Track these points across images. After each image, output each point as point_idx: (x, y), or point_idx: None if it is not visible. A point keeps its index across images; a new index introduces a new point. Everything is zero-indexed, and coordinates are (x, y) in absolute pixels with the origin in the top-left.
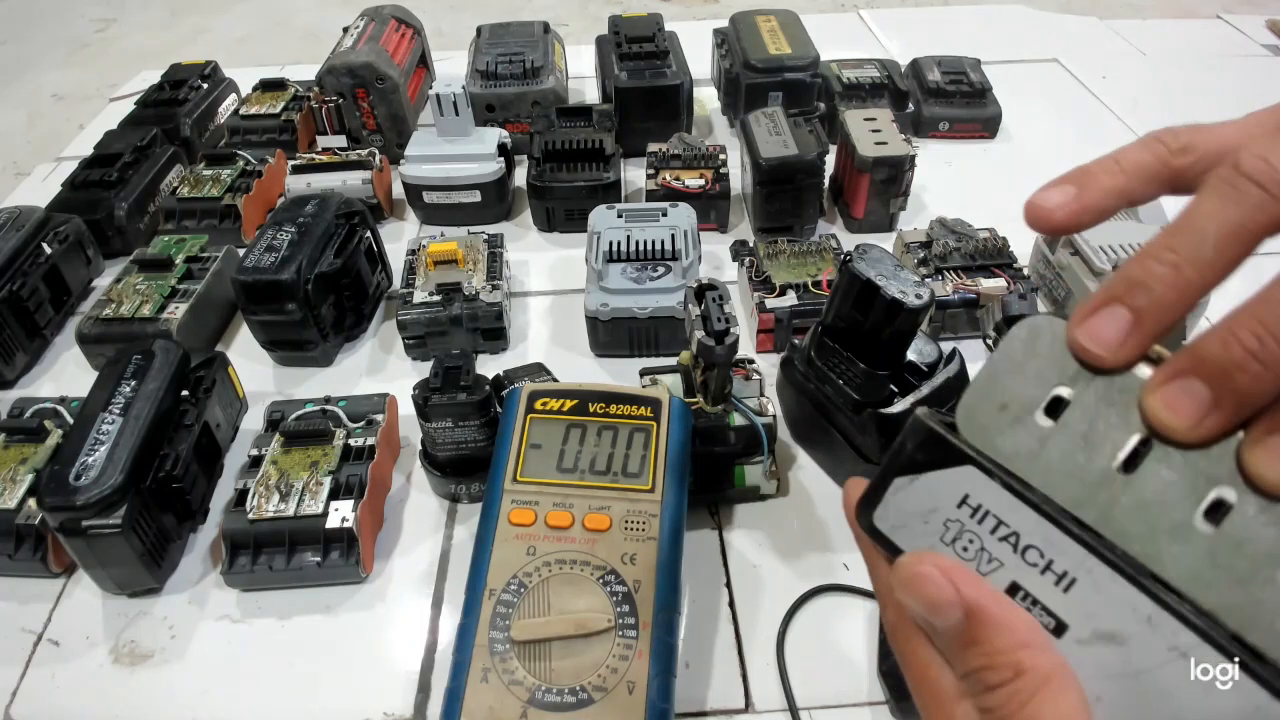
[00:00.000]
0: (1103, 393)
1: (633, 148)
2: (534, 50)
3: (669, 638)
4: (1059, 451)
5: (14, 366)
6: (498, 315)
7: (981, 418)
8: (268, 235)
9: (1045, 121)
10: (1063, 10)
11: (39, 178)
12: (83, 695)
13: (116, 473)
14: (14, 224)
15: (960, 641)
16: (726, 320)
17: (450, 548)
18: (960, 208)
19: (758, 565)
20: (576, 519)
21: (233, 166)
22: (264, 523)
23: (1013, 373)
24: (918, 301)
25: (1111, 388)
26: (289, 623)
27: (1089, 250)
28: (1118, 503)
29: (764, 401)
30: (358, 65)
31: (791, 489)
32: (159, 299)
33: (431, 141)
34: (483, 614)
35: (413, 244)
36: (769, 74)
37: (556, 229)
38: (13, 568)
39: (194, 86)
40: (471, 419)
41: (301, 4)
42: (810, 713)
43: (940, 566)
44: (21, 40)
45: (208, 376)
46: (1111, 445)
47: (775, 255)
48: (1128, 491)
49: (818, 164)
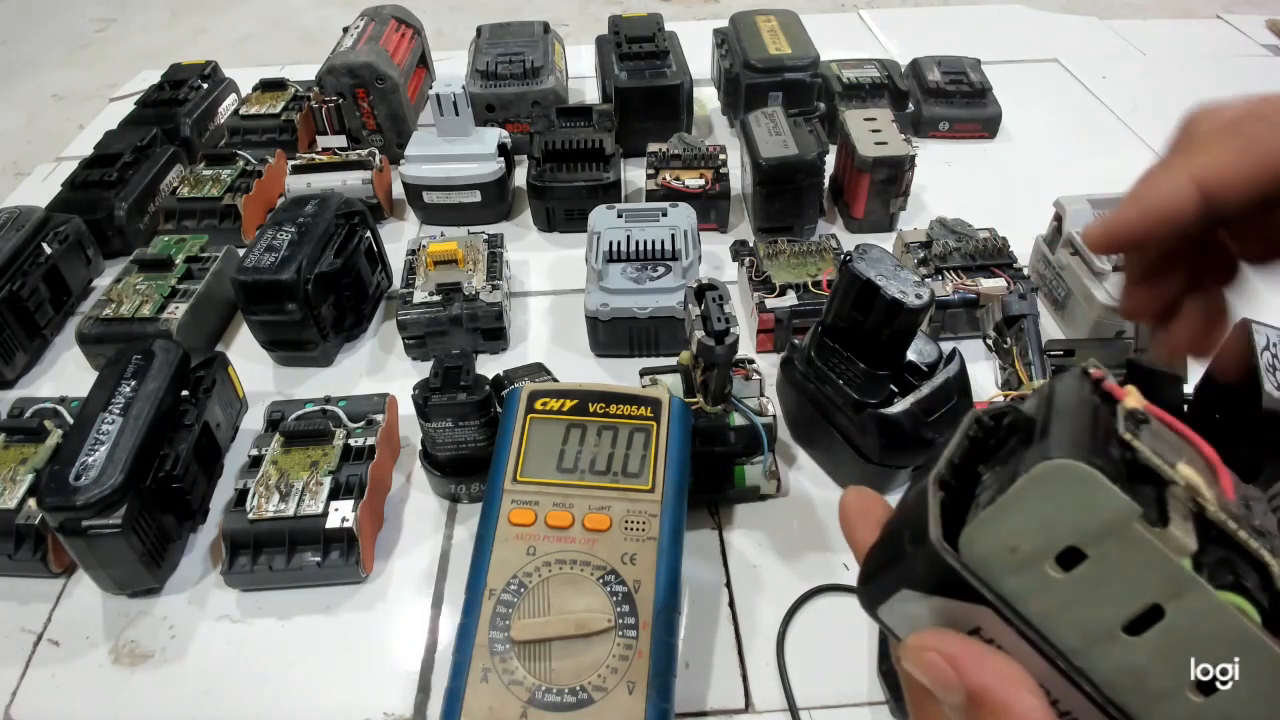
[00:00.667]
0: (1123, 554)
1: (633, 148)
2: (534, 50)
3: (669, 638)
4: (1063, 599)
5: (14, 366)
6: (498, 315)
7: (986, 553)
8: (268, 235)
9: (1045, 121)
10: (1063, 10)
11: (39, 178)
12: (83, 695)
13: (116, 473)
14: (14, 224)
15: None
16: (726, 320)
17: (450, 548)
18: (960, 208)
19: (758, 565)
20: (576, 519)
21: (233, 166)
22: (264, 523)
23: (1028, 518)
24: (918, 301)
25: (1134, 551)
26: (289, 623)
27: (1089, 250)
28: (1114, 659)
29: (764, 401)
30: (358, 65)
31: (791, 489)
32: (159, 299)
33: (431, 141)
34: (483, 614)
35: (413, 244)
36: (769, 74)
37: (556, 229)
38: (13, 568)
39: (194, 86)
40: (471, 419)
41: (301, 4)
42: (810, 713)
43: (944, 652)
44: (21, 40)
45: (208, 376)
46: (1120, 606)
47: (775, 255)
48: (1126, 651)
49: (818, 164)
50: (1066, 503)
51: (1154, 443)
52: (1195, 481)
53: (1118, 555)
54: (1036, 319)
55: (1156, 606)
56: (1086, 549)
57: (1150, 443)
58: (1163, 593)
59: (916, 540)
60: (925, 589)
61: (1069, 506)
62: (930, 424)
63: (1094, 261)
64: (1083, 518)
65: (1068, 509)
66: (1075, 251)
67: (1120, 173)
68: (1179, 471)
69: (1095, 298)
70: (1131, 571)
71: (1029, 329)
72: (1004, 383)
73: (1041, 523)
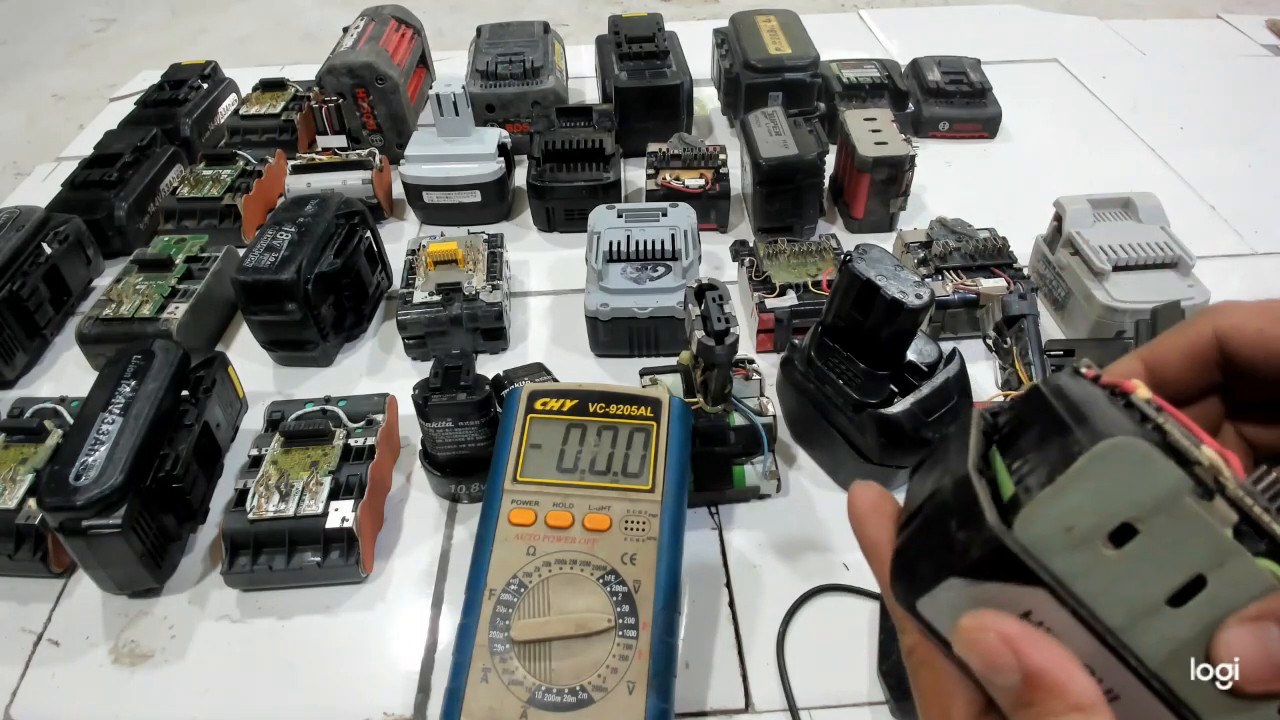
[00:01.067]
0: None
1: (633, 148)
2: (534, 50)
3: (669, 638)
4: (1112, 576)
5: (14, 366)
6: (498, 315)
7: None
8: (268, 235)
9: (1045, 121)
10: (1063, 10)
11: (39, 178)
12: (83, 695)
13: (116, 473)
14: (14, 224)
15: (1016, 700)
16: (726, 320)
17: (450, 548)
18: (960, 208)
19: (758, 565)
20: (576, 519)
21: (233, 166)
22: (264, 523)
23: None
24: (918, 301)
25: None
26: (289, 623)
27: (1089, 250)
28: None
29: (764, 401)
30: (358, 65)
31: (791, 489)
32: (159, 299)
33: (431, 141)
34: (483, 614)
35: (413, 244)
36: (769, 74)
37: (556, 229)
38: (13, 568)
39: (194, 86)
40: (471, 419)
41: (301, 4)
42: (810, 713)
43: (1003, 634)
44: (21, 40)
45: (208, 376)
46: (1167, 579)
47: (775, 255)
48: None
49: (818, 164)
50: (1124, 479)
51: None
52: (1217, 461)
53: (1167, 528)
54: (1036, 319)
55: (1200, 577)
56: (1140, 524)
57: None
58: (1208, 563)
59: (969, 526)
60: (977, 575)
61: (1126, 482)
62: (930, 424)
63: (1094, 261)
64: (1139, 493)
65: (1125, 485)
66: (1075, 251)
67: (1120, 173)
68: (1203, 452)
69: (1095, 298)
70: (1180, 544)
71: (1029, 329)
72: (1004, 383)
73: (1098, 500)
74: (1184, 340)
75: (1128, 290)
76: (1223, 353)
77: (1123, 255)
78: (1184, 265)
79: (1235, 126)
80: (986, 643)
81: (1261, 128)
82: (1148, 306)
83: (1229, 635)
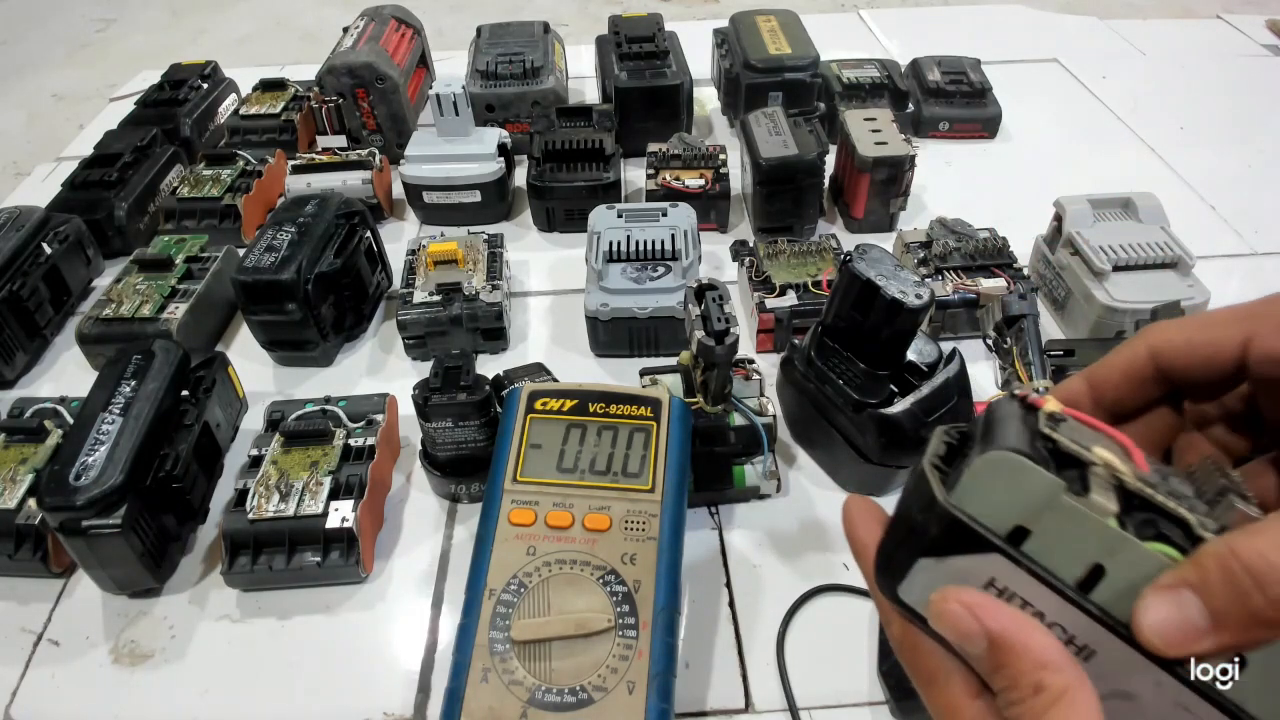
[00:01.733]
0: (1060, 525)
1: (633, 148)
2: (534, 50)
3: (669, 638)
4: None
5: (14, 366)
6: (498, 315)
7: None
8: (268, 235)
9: (1045, 121)
10: (1063, 10)
11: (39, 178)
12: (83, 695)
13: (116, 473)
14: (14, 224)
15: (989, 666)
16: (726, 320)
17: (450, 548)
18: (960, 208)
19: (758, 565)
20: (576, 519)
21: (233, 166)
22: (264, 523)
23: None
24: (918, 301)
25: (1068, 520)
26: (289, 623)
27: (1089, 250)
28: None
29: (764, 401)
30: (358, 65)
31: (791, 489)
32: (159, 299)
33: (431, 141)
34: (483, 614)
35: (413, 244)
36: (769, 74)
37: (556, 229)
38: (13, 568)
39: (194, 86)
40: (471, 419)
41: (301, 4)
42: (810, 713)
43: (964, 602)
44: (21, 40)
45: (208, 376)
46: (1069, 571)
47: (775, 255)
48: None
49: (818, 164)
50: (1005, 487)
51: (1072, 434)
52: (1110, 459)
53: (1056, 526)
54: (1036, 319)
55: (1099, 566)
56: (1030, 526)
57: (1068, 434)
58: (1100, 552)
59: (927, 509)
60: (941, 552)
61: (1007, 490)
62: (930, 424)
63: (1094, 261)
64: (1020, 497)
65: (1007, 492)
66: (1075, 251)
67: (1120, 173)
68: (1095, 453)
69: (1095, 298)
70: (1070, 539)
71: (1029, 329)
72: (1004, 383)
73: (990, 507)
74: (1121, 359)
75: (1128, 290)
76: (1158, 367)
77: (1123, 255)
78: (1184, 265)
79: (1235, 126)
80: (951, 612)
81: (1261, 128)
82: (1148, 306)
83: (1145, 603)
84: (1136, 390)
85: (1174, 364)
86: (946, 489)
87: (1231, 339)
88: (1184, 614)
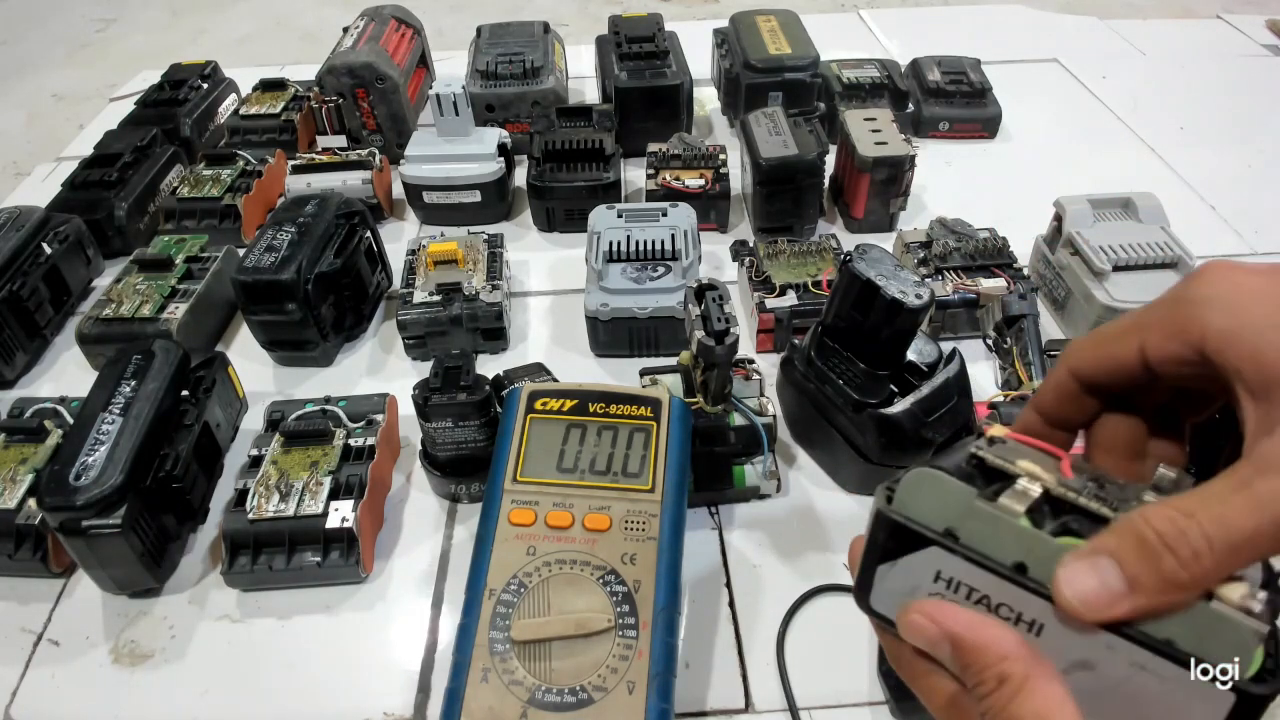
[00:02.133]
0: (980, 528)
1: (633, 148)
2: (534, 50)
3: (669, 638)
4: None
5: (14, 366)
6: (498, 315)
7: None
8: (268, 235)
9: (1045, 121)
10: (1063, 10)
11: (39, 178)
12: (83, 695)
13: (116, 473)
14: (14, 224)
15: (958, 666)
16: (726, 320)
17: (450, 548)
18: (960, 208)
19: (758, 565)
20: (576, 519)
21: (233, 166)
22: (264, 523)
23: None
24: (918, 301)
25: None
26: (289, 623)
27: (1089, 250)
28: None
29: (764, 401)
30: (358, 65)
31: (791, 489)
32: (159, 299)
33: (431, 141)
34: (483, 614)
35: (413, 244)
36: (769, 74)
37: (556, 229)
38: (13, 568)
39: (194, 86)
40: (471, 419)
41: (301, 4)
42: (810, 713)
43: (923, 611)
44: (21, 40)
45: (208, 376)
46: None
47: (775, 255)
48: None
49: (818, 164)
50: (929, 495)
51: (1003, 452)
52: (1032, 469)
53: (978, 527)
54: (1036, 319)
55: (1020, 564)
56: (957, 527)
57: (999, 453)
58: (1019, 549)
59: (875, 522)
60: (892, 555)
61: (932, 497)
62: (930, 424)
63: (1094, 261)
64: (943, 504)
65: (932, 499)
66: (1075, 251)
67: (1120, 173)
68: (1020, 465)
69: (1095, 298)
70: (992, 538)
71: (1029, 329)
72: (1004, 383)
73: (923, 514)
74: (1051, 382)
75: (1128, 290)
76: (1080, 383)
77: (1123, 255)
78: (1184, 265)
79: (1235, 126)
80: (914, 622)
81: (1261, 128)
82: None
83: (1064, 571)
84: (1073, 406)
85: (1093, 379)
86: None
87: (1129, 350)
88: (1101, 578)
